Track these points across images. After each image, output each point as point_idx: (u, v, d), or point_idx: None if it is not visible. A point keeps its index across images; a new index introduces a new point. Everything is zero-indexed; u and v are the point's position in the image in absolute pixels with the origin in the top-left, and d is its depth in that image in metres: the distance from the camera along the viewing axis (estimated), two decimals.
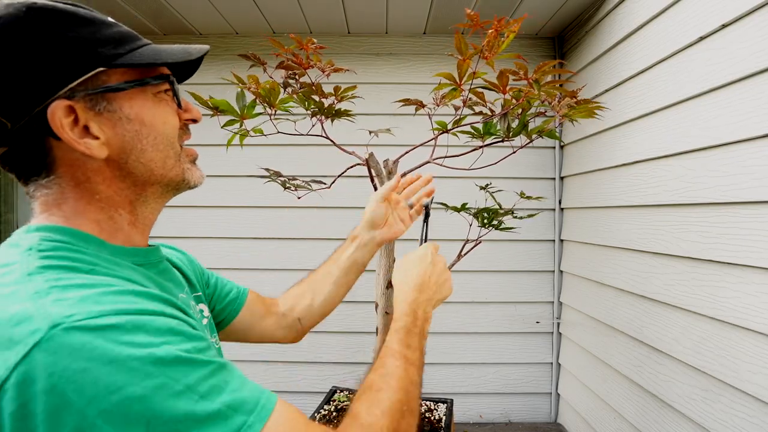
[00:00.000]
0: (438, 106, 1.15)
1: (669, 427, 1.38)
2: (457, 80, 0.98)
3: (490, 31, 0.86)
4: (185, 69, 0.58)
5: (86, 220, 0.50)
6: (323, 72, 1.11)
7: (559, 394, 2.25)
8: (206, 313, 0.72)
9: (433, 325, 0.72)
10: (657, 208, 1.46)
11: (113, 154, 0.50)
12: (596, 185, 1.88)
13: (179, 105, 0.56)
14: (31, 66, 0.44)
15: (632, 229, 1.60)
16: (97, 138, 0.48)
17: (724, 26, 1.16)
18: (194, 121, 0.59)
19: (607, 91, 1.76)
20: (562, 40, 2.21)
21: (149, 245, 0.60)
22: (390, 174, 1.24)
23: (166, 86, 0.54)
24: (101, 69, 0.47)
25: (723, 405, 1.15)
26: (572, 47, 2.09)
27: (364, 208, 0.93)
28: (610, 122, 1.74)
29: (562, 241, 2.24)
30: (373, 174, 1.18)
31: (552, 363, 2.26)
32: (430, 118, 1.18)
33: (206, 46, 0.56)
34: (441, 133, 1.18)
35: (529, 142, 1.13)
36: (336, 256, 0.94)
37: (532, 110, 1.08)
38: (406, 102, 1.15)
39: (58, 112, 0.45)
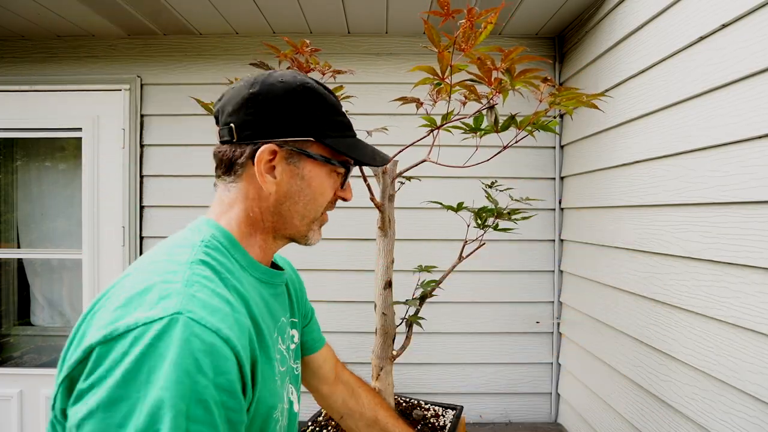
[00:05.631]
0: (435, 103, 1.14)
1: (669, 427, 1.37)
2: (440, 74, 0.97)
3: (462, 21, 0.85)
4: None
5: (239, 229, 0.66)
6: (323, 74, 1.11)
7: (559, 394, 2.25)
8: (296, 339, 0.82)
9: (433, 325, 0.73)
10: (657, 208, 1.46)
11: (278, 193, 0.65)
12: (596, 185, 1.88)
13: (342, 185, 0.71)
14: (276, 115, 0.62)
15: (632, 229, 1.60)
16: (275, 177, 0.64)
17: (724, 26, 1.16)
18: (344, 199, 0.74)
19: (607, 90, 1.76)
20: (563, 40, 2.21)
21: (276, 267, 0.77)
22: (384, 173, 1.24)
23: (344, 171, 0.70)
24: (311, 139, 0.64)
25: (723, 405, 1.15)
26: (572, 47, 2.09)
27: (364, 208, 0.94)
28: (610, 122, 1.73)
29: (562, 241, 2.24)
30: (368, 174, 1.18)
31: (552, 363, 2.26)
32: (428, 116, 1.18)
33: (389, 157, 0.75)
34: (432, 131, 1.18)
35: (524, 137, 1.11)
36: None
37: (541, 106, 1.06)
38: (404, 100, 1.15)
39: (266, 150, 0.62)
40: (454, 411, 1.53)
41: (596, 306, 1.86)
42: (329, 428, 1.38)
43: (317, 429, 1.38)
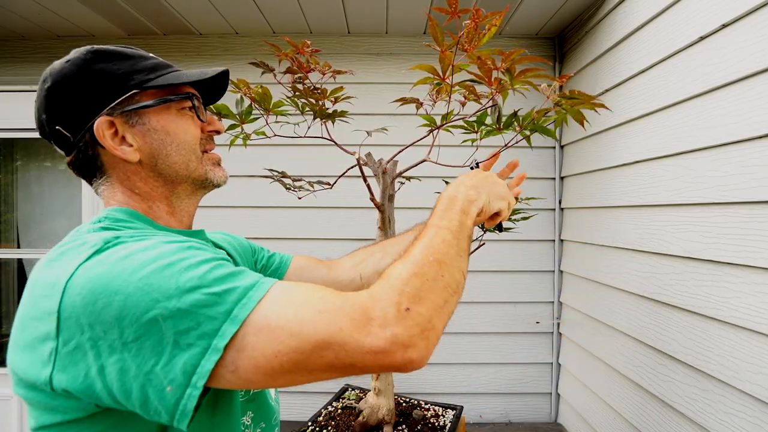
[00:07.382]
0: (435, 103, 1.14)
1: (669, 427, 1.37)
2: (440, 73, 0.97)
3: (466, 22, 0.85)
4: (213, 91, 0.73)
5: (136, 205, 0.65)
6: (323, 74, 1.11)
7: (559, 394, 2.25)
8: None
9: None
10: (657, 208, 1.46)
11: (144, 158, 0.64)
12: (596, 185, 1.88)
13: (200, 119, 0.68)
14: (85, 92, 0.60)
15: (632, 229, 1.60)
16: (131, 145, 0.62)
17: (724, 26, 1.16)
18: (217, 132, 0.71)
19: (607, 91, 1.76)
20: (563, 40, 2.21)
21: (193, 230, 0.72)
22: (384, 174, 1.24)
23: (189, 103, 0.67)
24: (135, 92, 0.62)
25: (723, 405, 1.15)
26: (572, 47, 2.09)
27: (364, 208, 0.93)
28: (610, 122, 1.74)
29: (562, 241, 2.24)
30: (368, 174, 1.18)
31: (552, 363, 2.26)
32: (428, 116, 1.18)
33: (224, 68, 0.69)
34: (432, 130, 1.18)
35: (521, 139, 1.11)
36: (416, 227, 0.98)
37: (545, 106, 1.06)
38: (404, 101, 1.15)
39: (101, 126, 0.60)
40: (454, 411, 1.53)
41: (596, 306, 1.86)
42: (329, 428, 1.38)
43: (317, 429, 1.38)
